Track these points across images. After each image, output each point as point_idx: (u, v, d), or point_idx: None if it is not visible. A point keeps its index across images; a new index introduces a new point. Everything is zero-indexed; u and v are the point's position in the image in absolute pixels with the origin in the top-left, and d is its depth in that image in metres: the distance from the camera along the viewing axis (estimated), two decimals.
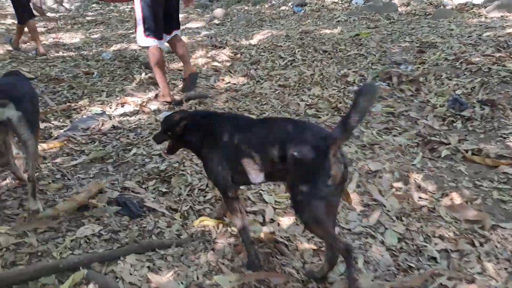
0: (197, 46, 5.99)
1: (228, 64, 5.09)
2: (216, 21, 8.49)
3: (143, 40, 3.55)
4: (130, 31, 7.68)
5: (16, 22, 5.84)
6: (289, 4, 10.17)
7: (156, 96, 3.88)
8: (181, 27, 8.05)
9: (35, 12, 11.71)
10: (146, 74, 4.70)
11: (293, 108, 3.52)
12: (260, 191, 2.24)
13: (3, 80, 2.39)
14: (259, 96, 3.89)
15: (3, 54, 5.55)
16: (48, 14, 11.99)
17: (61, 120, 3.31)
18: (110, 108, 3.63)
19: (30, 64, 5.12)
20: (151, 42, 3.53)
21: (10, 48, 5.92)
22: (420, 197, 2.18)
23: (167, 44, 3.90)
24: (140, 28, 3.51)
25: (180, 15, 8.35)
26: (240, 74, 4.50)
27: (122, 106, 3.68)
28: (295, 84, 4.12)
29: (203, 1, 14.10)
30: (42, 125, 3.18)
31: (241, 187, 1.88)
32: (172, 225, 1.93)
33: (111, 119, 3.34)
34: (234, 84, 4.32)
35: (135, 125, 3.25)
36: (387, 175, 2.38)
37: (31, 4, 6.07)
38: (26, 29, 5.69)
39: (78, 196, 2.00)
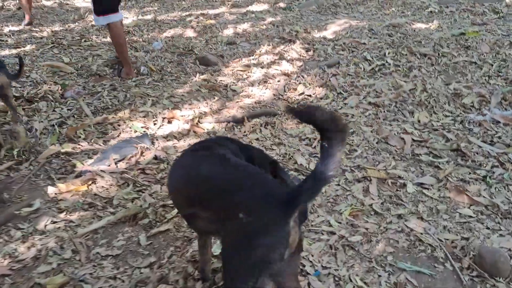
0: (262, 37, 5.10)
1: (299, 64, 4.16)
2: (282, 4, 7.49)
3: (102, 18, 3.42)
4: (186, 13, 6.92)
5: None
6: None
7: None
8: (244, 10, 7.19)
9: None
10: (200, 74, 3.90)
11: (395, 144, 2.56)
12: None
13: None
14: (344, 118, 2.97)
15: (47, 37, 4.98)
16: None
17: (91, 141, 2.59)
18: (155, 124, 2.87)
19: (73, 52, 4.49)
20: (113, 17, 3.41)
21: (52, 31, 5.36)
22: None
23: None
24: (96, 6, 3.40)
25: None
26: (317, 83, 3.56)
27: (170, 123, 2.91)
28: (390, 103, 3.14)
29: None
30: (68, 148, 2.49)
31: None
32: None
33: (154, 143, 2.58)
34: (309, 96, 3.41)
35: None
36: None
37: None
38: None
39: None
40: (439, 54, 4.03)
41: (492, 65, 3.75)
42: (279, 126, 2.89)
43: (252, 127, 2.86)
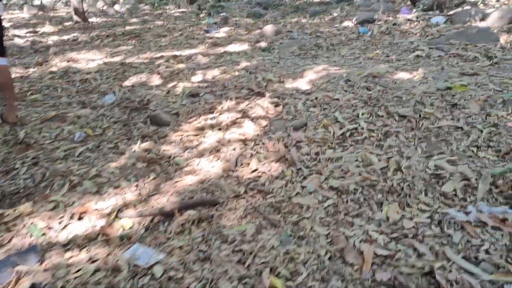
0: (230, 88, 4.61)
1: (263, 123, 3.65)
2: (263, 43, 7.08)
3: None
4: (159, 54, 6.49)
5: None
6: (353, 19, 8.57)
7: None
8: (222, 49, 6.76)
9: (76, 18, 11.04)
10: (142, 141, 3.38)
11: (352, 261, 1.99)
12: None
13: None
14: (297, 211, 2.41)
15: None
16: (93, 19, 11.27)
17: None
18: (60, 222, 2.33)
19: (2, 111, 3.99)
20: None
21: None
22: None
23: None
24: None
25: (224, 29, 7.00)
26: (274, 156, 3.02)
27: (80, 219, 2.36)
28: (356, 188, 2.59)
29: (256, 8, 12.76)
30: None
31: None
32: None
33: (44, 257, 2.03)
34: (264, 173, 2.86)
35: (75, 279, 1.90)
36: None
37: (72, 9, 5.24)
38: None
39: None
40: (420, 115, 3.50)
41: (481, 131, 3.20)
42: (216, 222, 2.34)
43: (182, 225, 2.31)
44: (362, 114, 3.57)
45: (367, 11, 9.85)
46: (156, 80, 5.10)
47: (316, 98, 4.04)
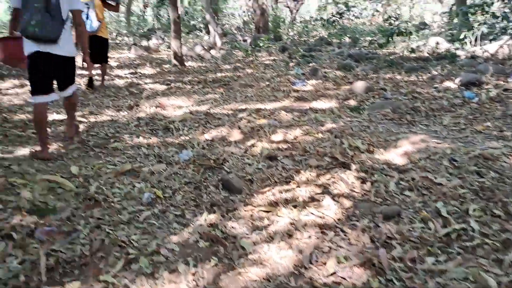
0: (311, 153, 4.20)
1: (347, 204, 3.16)
2: (352, 101, 6.63)
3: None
4: (243, 106, 6.37)
5: None
6: (456, 80, 7.73)
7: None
8: (307, 105, 6.47)
9: (174, 61, 11.63)
10: (211, 210, 3.08)
11: None
12: None
13: None
14: None
15: (80, 131, 4.66)
16: (189, 63, 11.85)
17: None
18: None
19: (92, 157, 4.02)
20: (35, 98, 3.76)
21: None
22: None
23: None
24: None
25: (312, 82, 6.67)
26: (358, 259, 2.49)
27: None
28: None
29: (347, 61, 12.44)
30: None
31: None
32: None
33: None
34: (344, 280, 2.34)
35: None
36: None
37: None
38: None
39: None
40: None
41: None
42: None
43: None
44: (473, 210, 2.89)
45: (472, 72, 8.89)
46: (236, 135, 4.90)
47: (412, 179, 3.44)
